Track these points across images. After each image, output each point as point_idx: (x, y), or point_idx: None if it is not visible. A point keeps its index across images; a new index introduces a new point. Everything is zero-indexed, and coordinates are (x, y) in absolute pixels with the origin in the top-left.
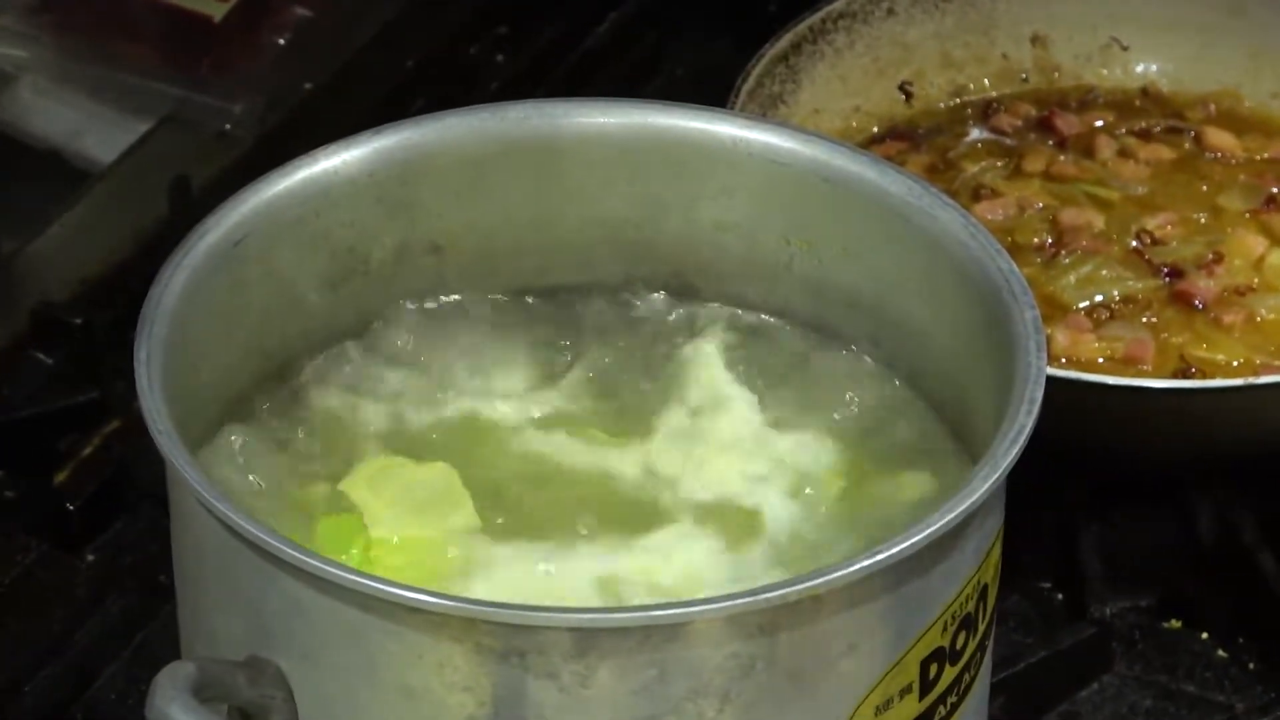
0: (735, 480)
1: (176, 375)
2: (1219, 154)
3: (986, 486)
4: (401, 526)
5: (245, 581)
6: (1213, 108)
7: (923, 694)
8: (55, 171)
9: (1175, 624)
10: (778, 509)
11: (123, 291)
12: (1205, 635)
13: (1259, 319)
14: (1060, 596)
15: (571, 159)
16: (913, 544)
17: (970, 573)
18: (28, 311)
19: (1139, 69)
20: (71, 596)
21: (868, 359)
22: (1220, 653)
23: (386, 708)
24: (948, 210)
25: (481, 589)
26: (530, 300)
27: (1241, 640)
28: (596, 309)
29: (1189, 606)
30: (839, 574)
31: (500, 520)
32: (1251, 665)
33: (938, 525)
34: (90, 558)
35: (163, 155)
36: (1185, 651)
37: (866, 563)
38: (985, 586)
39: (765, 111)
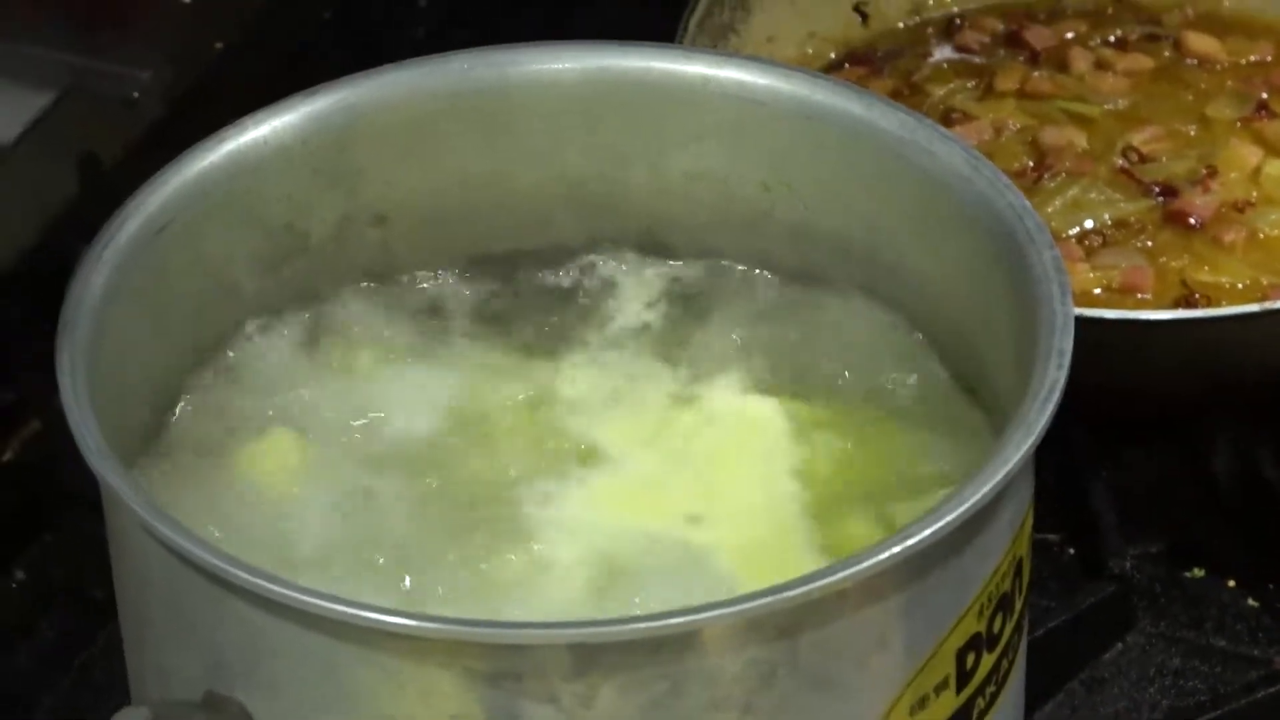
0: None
1: (104, 380)
2: (1202, 60)
3: (1021, 454)
4: None
5: (198, 611)
6: (1190, 10)
7: (960, 687)
8: None
9: (1198, 573)
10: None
11: (34, 281)
12: (1232, 583)
13: (1261, 235)
14: (1073, 551)
15: (523, 112)
16: (945, 524)
17: (1005, 548)
18: None
19: None
20: (0, 621)
21: (862, 305)
22: (1250, 601)
23: None
24: (946, 144)
25: None
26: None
27: (1271, 586)
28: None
29: (1211, 553)
30: (865, 565)
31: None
32: None
33: (971, 501)
34: (19, 576)
35: (68, 131)
36: (1212, 602)
37: (895, 549)
38: (1020, 561)
39: (716, 43)
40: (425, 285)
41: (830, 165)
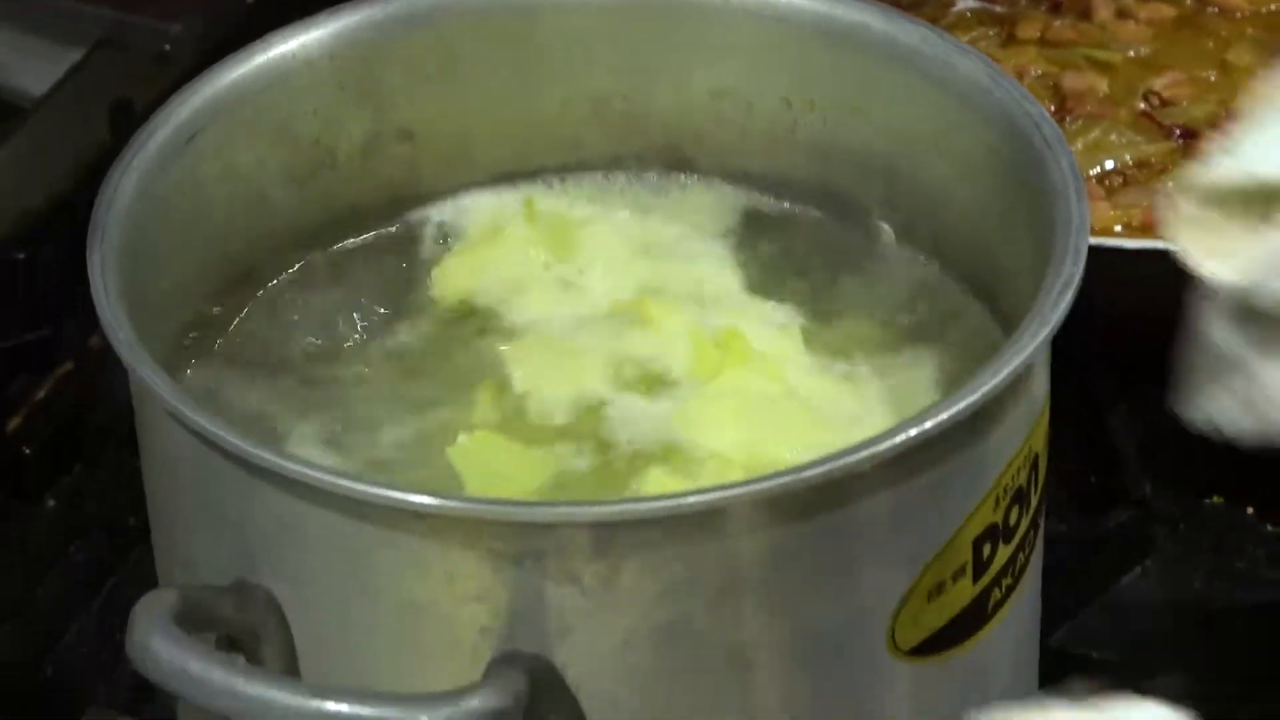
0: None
1: (134, 284)
2: (1223, 9)
3: (1036, 343)
4: None
5: (225, 498)
6: None
7: (976, 576)
8: None
9: (1217, 500)
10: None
11: (67, 225)
12: (1250, 510)
13: None
14: (1093, 479)
15: (551, 29)
16: (962, 409)
17: (1021, 441)
18: None
19: None
20: (31, 546)
21: (885, 226)
22: (1269, 527)
23: (390, 627)
24: (967, 57)
25: None
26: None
27: None
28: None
29: (1230, 482)
30: (883, 446)
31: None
32: None
33: (987, 387)
34: (51, 504)
35: (99, 83)
36: (1231, 529)
37: (912, 432)
38: (1036, 457)
39: None
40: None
41: (851, 80)
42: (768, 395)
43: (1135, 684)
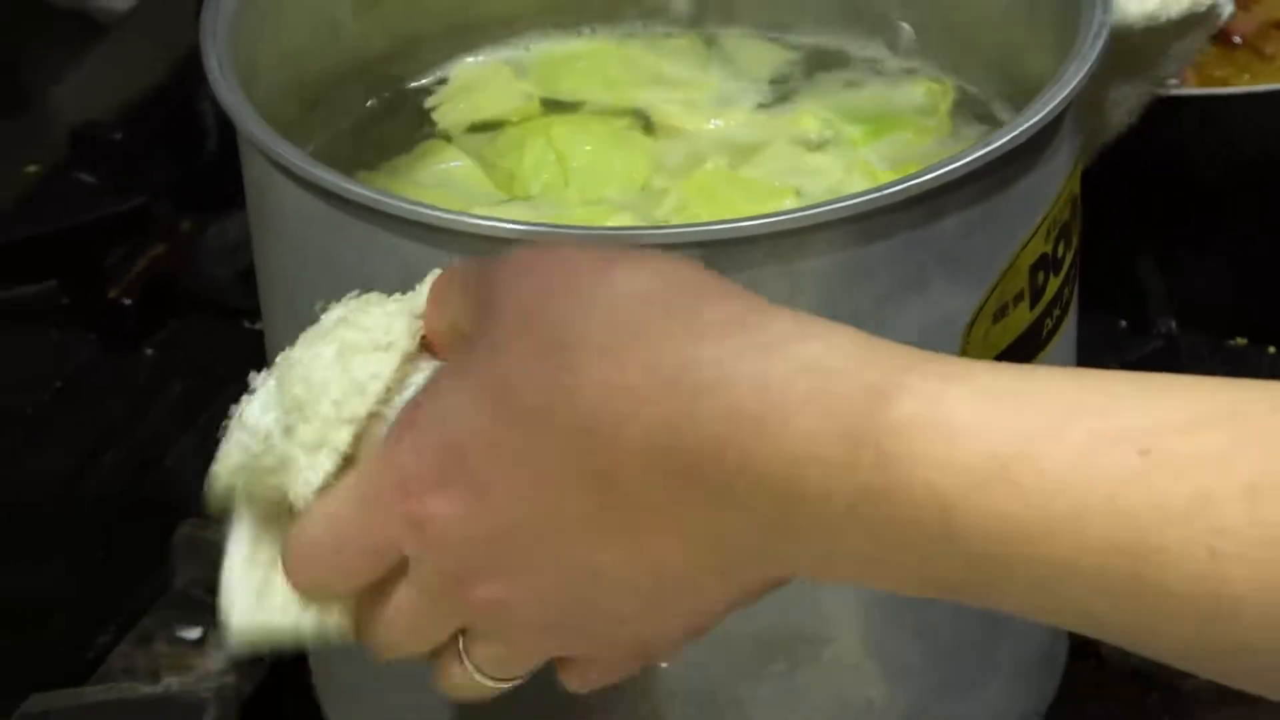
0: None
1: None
2: None
3: (1079, 78)
4: None
5: (348, 254)
6: None
7: (1033, 303)
8: (78, 28)
9: (1241, 341)
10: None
11: (159, 112)
12: (1272, 349)
13: None
14: (1124, 323)
15: None
16: (1021, 132)
17: (1065, 176)
18: (67, 134)
19: None
20: (133, 386)
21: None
22: None
23: None
24: None
25: None
26: None
27: None
28: None
29: (1254, 322)
30: (951, 167)
31: None
32: None
33: (1040, 115)
34: (148, 352)
35: None
36: (1254, 365)
37: (980, 152)
38: (1075, 200)
39: None
40: None
41: None
42: None
43: None
